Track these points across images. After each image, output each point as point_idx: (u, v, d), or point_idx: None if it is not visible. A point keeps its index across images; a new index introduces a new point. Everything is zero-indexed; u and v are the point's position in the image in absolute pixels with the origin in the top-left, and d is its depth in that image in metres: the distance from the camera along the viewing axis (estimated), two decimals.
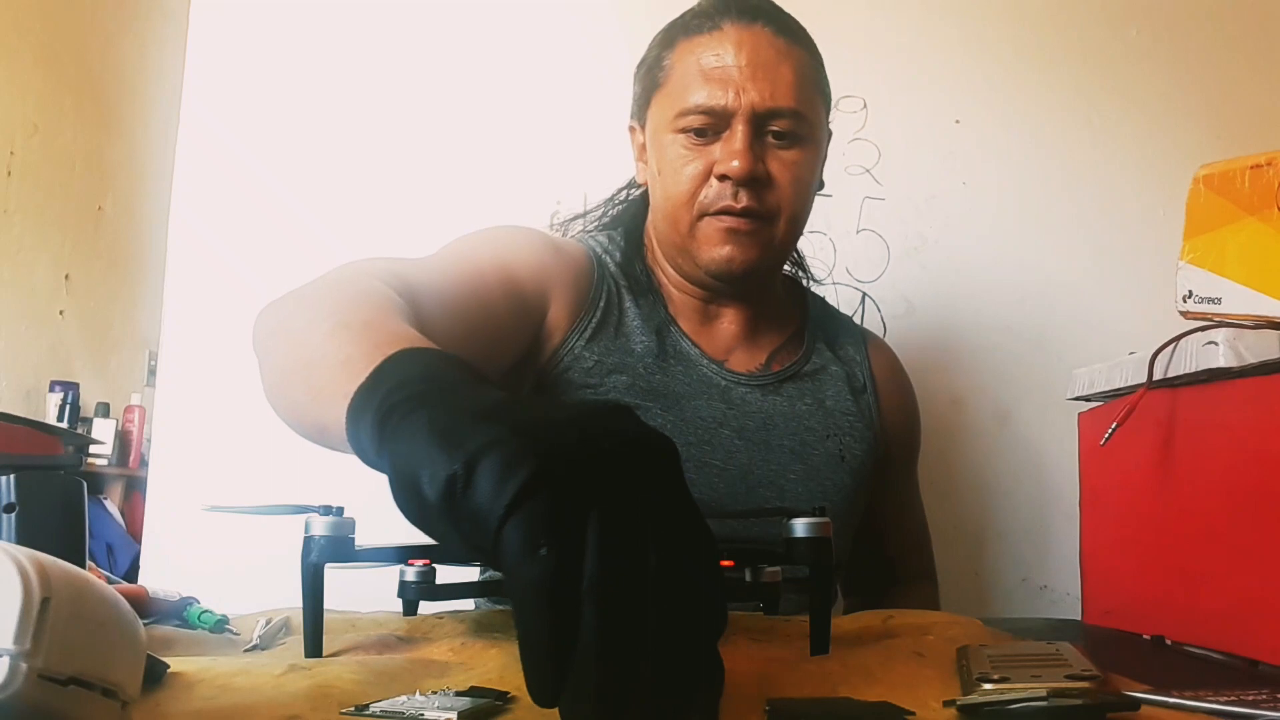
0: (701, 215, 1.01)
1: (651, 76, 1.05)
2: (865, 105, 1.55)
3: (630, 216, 1.15)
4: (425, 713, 0.49)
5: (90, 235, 4.02)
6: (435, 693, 0.53)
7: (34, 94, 3.63)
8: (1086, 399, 1.12)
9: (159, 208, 2.05)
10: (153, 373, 4.05)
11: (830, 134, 1.10)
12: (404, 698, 0.52)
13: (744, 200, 0.99)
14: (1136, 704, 0.53)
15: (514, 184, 1.53)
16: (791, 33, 1.03)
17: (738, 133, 0.98)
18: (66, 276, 3.87)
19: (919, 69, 1.56)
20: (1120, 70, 1.57)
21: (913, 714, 0.50)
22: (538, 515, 0.39)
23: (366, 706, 0.51)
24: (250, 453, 1.49)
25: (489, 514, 0.39)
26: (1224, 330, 0.85)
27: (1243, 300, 0.86)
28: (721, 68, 0.99)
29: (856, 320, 1.53)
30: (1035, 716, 0.48)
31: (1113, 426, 0.93)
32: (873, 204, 1.55)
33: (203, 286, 1.54)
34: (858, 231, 1.54)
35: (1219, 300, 0.87)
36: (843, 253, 1.54)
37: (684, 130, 1.00)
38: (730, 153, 0.98)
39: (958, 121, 1.56)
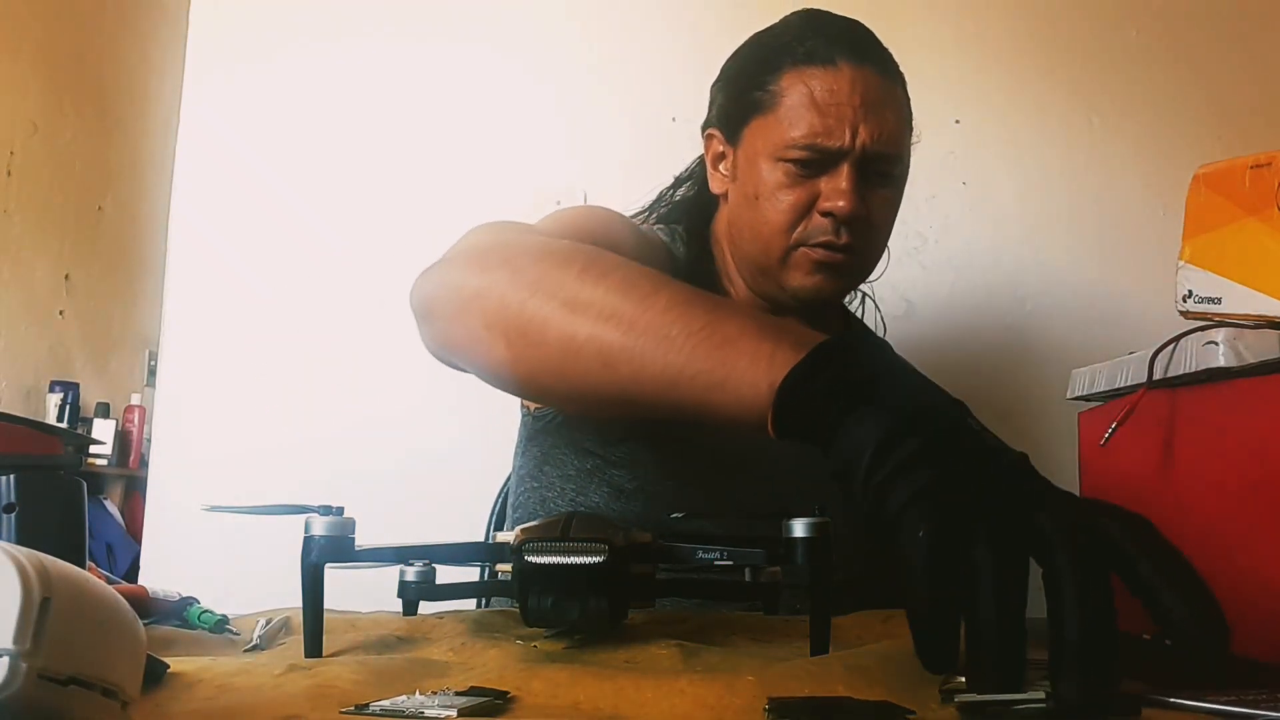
0: (798, 245, 1.02)
1: (752, 98, 1.04)
2: None
3: (685, 214, 1.15)
4: (425, 712, 0.49)
5: (90, 235, 4.02)
6: (435, 693, 0.53)
7: (34, 94, 3.63)
8: (1086, 399, 1.12)
9: (159, 208, 2.06)
10: (153, 373, 4.05)
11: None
12: (404, 698, 0.52)
13: (845, 237, 1.01)
14: (1138, 704, 0.53)
15: (516, 183, 1.53)
16: (892, 74, 1.05)
17: (844, 172, 0.99)
18: (66, 276, 3.88)
19: (919, 69, 1.56)
20: (1120, 70, 1.57)
21: (913, 714, 0.50)
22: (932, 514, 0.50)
23: (366, 706, 0.51)
24: (250, 453, 1.49)
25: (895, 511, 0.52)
26: (1224, 330, 0.85)
27: (1243, 300, 0.86)
28: (836, 106, 0.99)
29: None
30: (1035, 717, 0.48)
31: (1113, 426, 0.93)
32: None
33: (203, 286, 1.54)
34: None
35: (1219, 300, 0.87)
36: None
37: (789, 160, 1.00)
38: (837, 192, 0.99)
39: (958, 121, 1.56)
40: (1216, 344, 0.84)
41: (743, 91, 1.06)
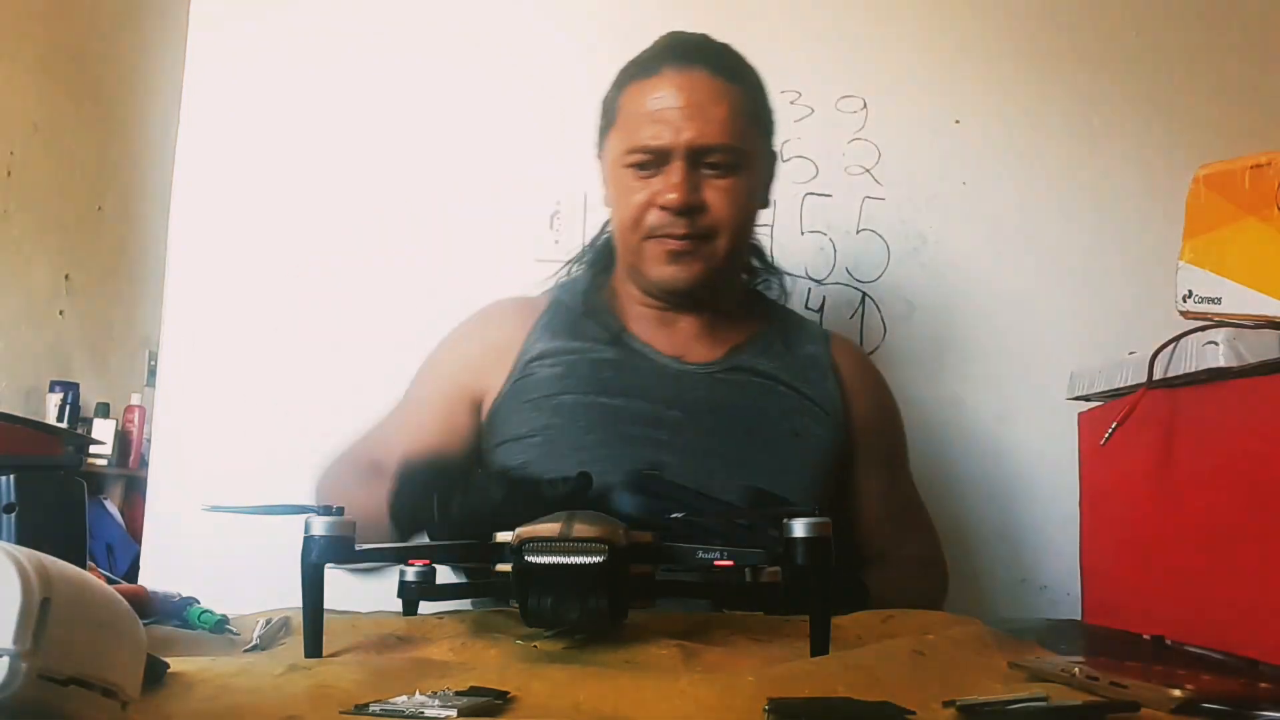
0: (647, 237, 1.13)
1: (607, 115, 1.19)
2: (865, 105, 1.55)
3: (606, 240, 1.26)
4: (425, 712, 0.49)
5: (90, 235, 4.02)
6: (435, 693, 0.53)
7: (34, 94, 3.62)
8: (1086, 399, 1.12)
9: (159, 208, 2.05)
10: (153, 373, 4.04)
11: (775, 156, 1.22)
12: (404, 698, 0.52)
13: (682, 228, 1.11)
14: (1136, 705, 0.53)
15: (514, 183, 1.53)
16: (727, 71, 1.14)
17: (675, 168, 1.10)
18: (66, 276, 3.87)
19: (919, 69, 1.56)
20: (1120, 71, 1.57)
21: (913, 714, 0.50)
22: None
23: (366, 706, 0.51)
24: (250, 453, 1.49)
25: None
26: (1224, 330, 0.85)
27: (1243, 300, 0.86)
28: (662, 110, 1.11)
29: (855, 321, 1.53)
30: (1035, 717, 0.48)
31: (1113, 426, 0.93)
32: (873, 204, 1.54)
33: (203, 286, 1.53)
34: (858, 231, 1.54)
35: (1219, 300, 0.88)
36: (843, 253, 1.53)
37: (631, 165, 1.13)
38: (669, 186, 1.10)
39: (958, 121, 1.56)
40: (1216, 344, 0.84)
41: (603, 111, 1.20)
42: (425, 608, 0.80)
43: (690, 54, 1.13)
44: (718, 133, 1.10)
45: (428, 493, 0.83)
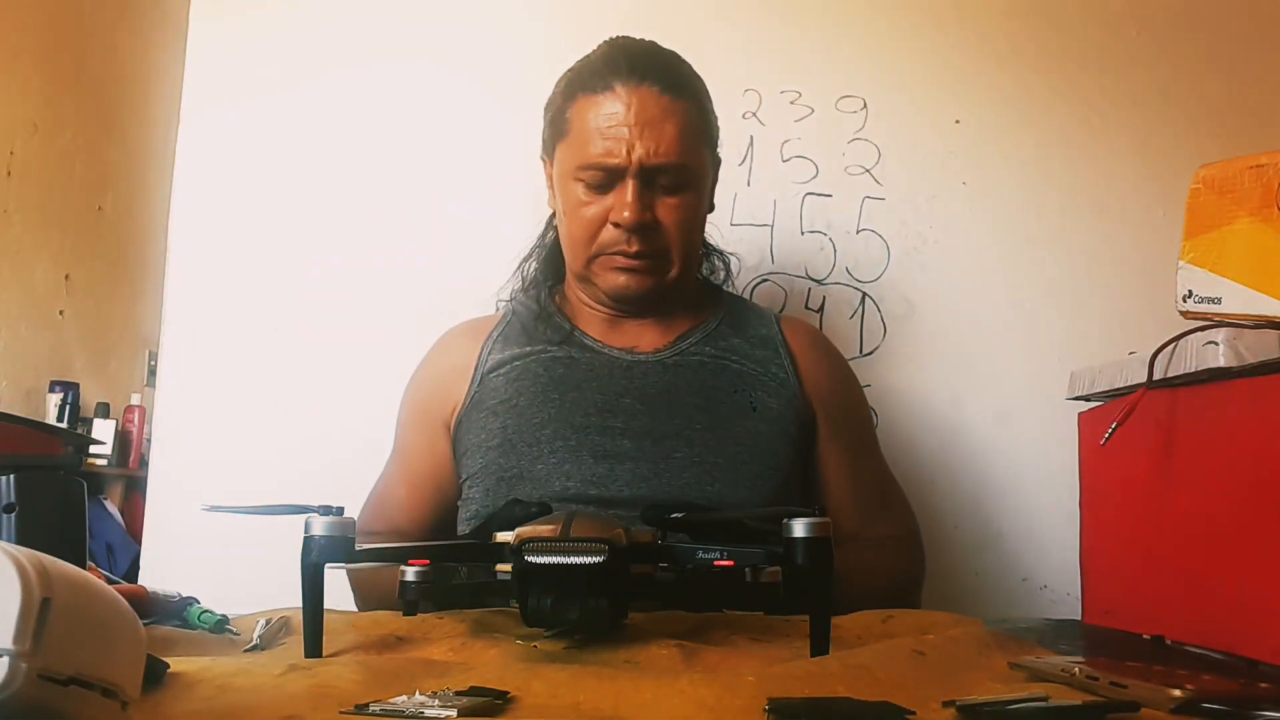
0: (599, 254, 1.16)
1: (556, 125, 1.19)
2: (865, 105, 1.55)
3: (555, 242, 1.28)
4: (425, 712, 0.49)
5: (90, 235, 4.02)
6: (435, 693, 0.53)
7: (34, 94, 3.63)
8: (1086, 399, 1.12)
9: (159, 208, 2.05)
10: (153, 373, 4.04)
11: (719, 161, 1.23)
12: (404, 698, 0.52)
13: (635, 245, 1.14)
14: (1136, 705, 0.53)
15: (510, 187, 1.53)
16: (677, 88, 1.15)
17: (629, 186, 1.12)
18: (66, 276, 3.87)
19: (919, 69, 1.56)
20: (1120, 70, 1.57)
21: (913, 714, 0.50)
22: None
23: (366, 706, 0.51)
24: (250, 453, 1.49)
25: None
26: (1224, 330, 0.85)
27: (1243, 300, 0.86)
28: (613, 127, 1.12)
29: (855, 321, 1.53)
30: (1035, 717, 0.48)
31: (1113, 426, 0.93)
32: (873, 204, 1.54)
33: (203, 286, 1.53)
34: (858, 231, 1.54)
35: (1219, 300, 0.87)
36: (843, 253, 1.53)
37: (581, 180, 1.14)
38: (622, 204, 1.12)
39: (958, 121, 1.56)
40: (1216, 344, 0.84)
41: (551, 120, 1.20)
42: (425, 607, 0.80)
43: (640, 70, 1.14)
44: (670, 151, 1.12)
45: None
